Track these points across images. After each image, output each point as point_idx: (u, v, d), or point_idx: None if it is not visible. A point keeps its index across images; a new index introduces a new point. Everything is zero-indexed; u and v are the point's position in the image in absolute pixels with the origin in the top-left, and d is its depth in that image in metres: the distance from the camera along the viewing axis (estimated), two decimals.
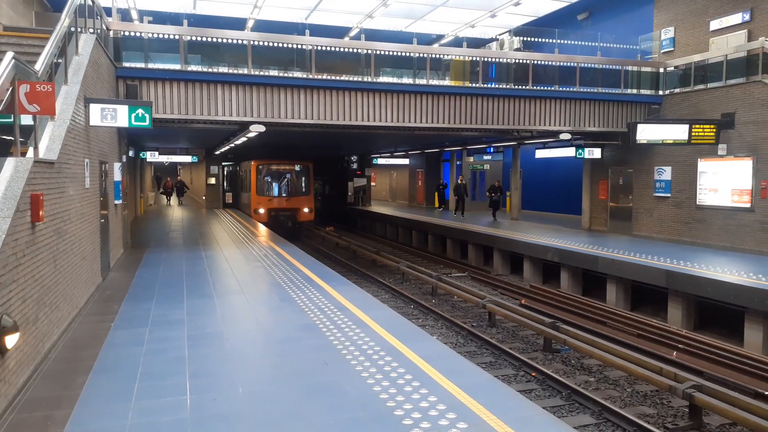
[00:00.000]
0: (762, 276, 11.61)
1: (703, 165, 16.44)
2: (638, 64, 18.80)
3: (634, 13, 22.04)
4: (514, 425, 4.59)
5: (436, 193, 31.32)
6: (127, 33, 14.25)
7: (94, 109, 9.65)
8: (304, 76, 15.13)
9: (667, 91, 18.22)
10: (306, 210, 26.70)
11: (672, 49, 19.90)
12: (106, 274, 11.26)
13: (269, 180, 27.09)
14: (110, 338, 7.10)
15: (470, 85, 16.94)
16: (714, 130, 15.69)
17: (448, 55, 17.69)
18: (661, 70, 18.43)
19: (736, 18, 17.68)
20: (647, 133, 16.16)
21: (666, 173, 17.72)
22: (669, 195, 17.61)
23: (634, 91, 18.44)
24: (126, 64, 13.88)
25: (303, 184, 27.50)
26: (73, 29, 9.52)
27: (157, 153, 30.66)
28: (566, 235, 18.74)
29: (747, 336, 11.07)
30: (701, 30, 18.90)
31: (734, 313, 11.43)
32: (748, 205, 15.10)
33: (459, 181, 27.10)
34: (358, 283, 15.86)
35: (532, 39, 24.92)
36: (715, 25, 18.41)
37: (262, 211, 25.77)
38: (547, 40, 23.53)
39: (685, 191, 17.00)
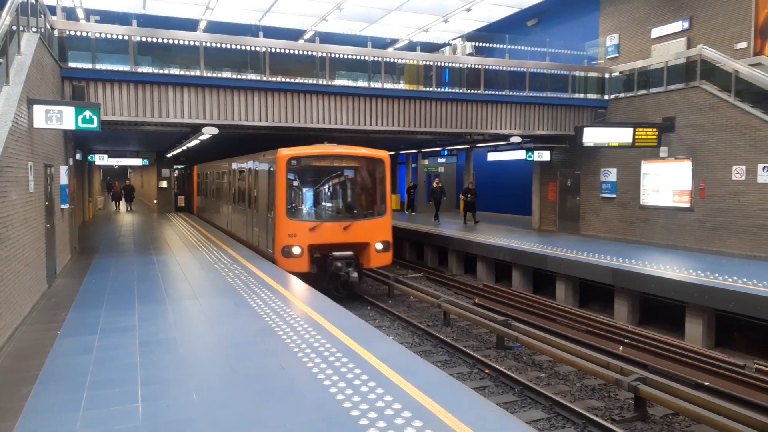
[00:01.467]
0: (701, 272, 12.18)
1: (646, 167, 17.12)
2: (585, 70, 19.43)
3: (581, 19, 22.77)
4: (469, 422, 4.70)
5: (407, 196, 30.62)
6: (73, 32, 13.81)
7: (38, 110, 9.33)
8: (259, 78, 15.01)
9: (612, 96, 18.89)
10: (379, 246, 14.29)
11: (617, 55, 20.66)
12: (53, 280, 10.88)
13: (311, 187, 14.97)
14: (57, 347, 6.89)
15: (424, 89, 17.15)
16: (656, 133, 16.37)
17: (402, 59, 17.88)
18: (607, 75, 19.10)
19: (676, 26, 18.51)
20: (593, 136, 16.72)
21: (612, 175, 18.36)
22: (614, 196, 18.26)
23: (581, 95, 19.05)
24: (72, 65, 13.45)
25: (375, 194, 15.09)
26: (14, 28, 9.19)
27: (106, 156, 29.78)
28: (517, 236, 19.18)
29: (687, 330, 11.59)
30: (644, 37, 19.69)
31: (676, 308, 11.96)
32: (687, 205, 15.81)
33: (435, 185, 26.20)
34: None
35: (484, 44, 25.43)
36: (656, 32, 19.23)
37: (298, 251, 13.50)
38: (498, 46, 24.06)
39: (630, 192, 17.67)
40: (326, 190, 15.18)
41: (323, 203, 15.05)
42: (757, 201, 13.90)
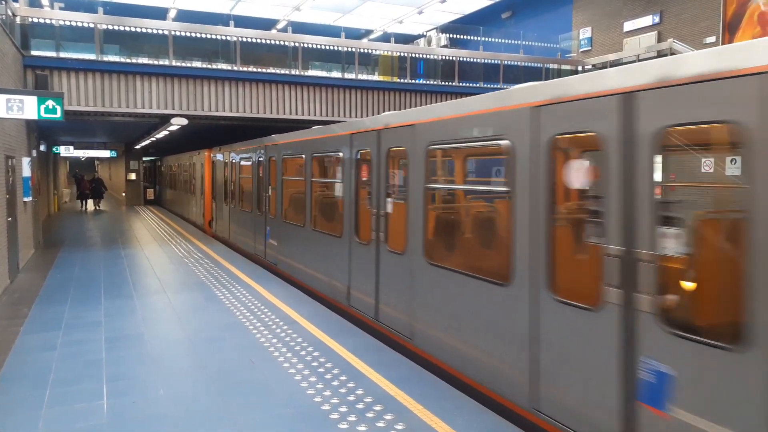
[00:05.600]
0: None
1: None
2: (558, 62, 19.58)
3: (554, 13, 22.93)
4: (441, 414, 4.67)
5: None
6: (35, 20, 13.38)
7: None
8: (230, 68, 14.76)
9: None
10: None
11: (589, 48, 20.87)
12: (15, 275, 10.56)
13: None
14: (19, 343, 6.66)
15: (399, 80, 17.07)
16: None
17: (376, 50, 17.76)
18: (580, 68, 19.27)
19: (647, 20, 18.75)
20: None
21: None
22: None
23: None
24: (35, 53, 13.05)
25: None
26: None
27: (72, 147, 29.05)
28: None
29: None
30: (616, 31, 19.91)
31: None
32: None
33: None
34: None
35: (459, 36, 25.44)
36: (628, 26, 19.46)
37: None
38: (472, 38, 24.07)
39: None
40: None
41: None
42: None
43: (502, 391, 4.79)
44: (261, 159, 11.97)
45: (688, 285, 3.82)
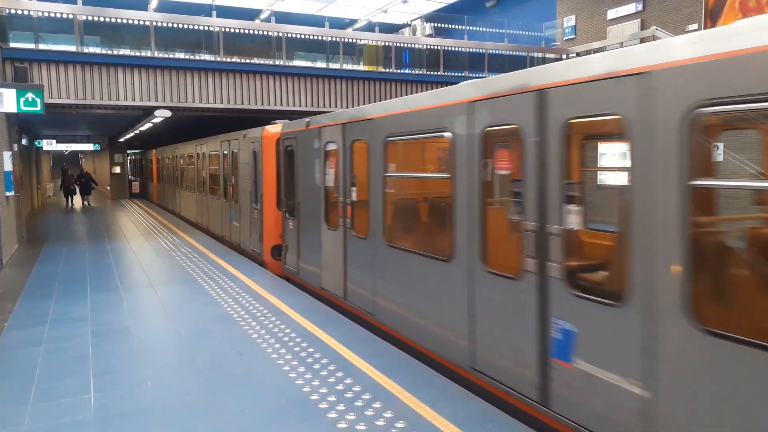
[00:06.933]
0: None
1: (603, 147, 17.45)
2: (543, 51, 19.62)
3: (538, 1, 22.93)
4: (429, 401, 4.71)
5: None
6: (13, 11, 13.13)
7: None
8: (213, 58, 14.62)
9: None
10: None
11: (574, 36, 20.91)
12: None
13: None
14: (3, 339, 6.60)
15: (384, 70, 17.02)
16: None
17: (361, 39, 17.67)
18: (564, 56, 19.31)
19: (630, 8, 18.82)
20: None
21: None
22: None
23: None
24: (13, 45, 12.82)
25: None
26: None
27: (54, 141, 28.65)
28: None
29: None
30: (600, 19, 19.97)
31: None
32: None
33: None
34: None
35: (443, 25, 25.37)
36: (611, 14, 19.52)
37: None
38: (457, 27, 24.02)
39: None
40: None
41: None
42: None
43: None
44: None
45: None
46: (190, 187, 18.55)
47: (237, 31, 15.25)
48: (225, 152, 13.89)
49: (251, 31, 15.81)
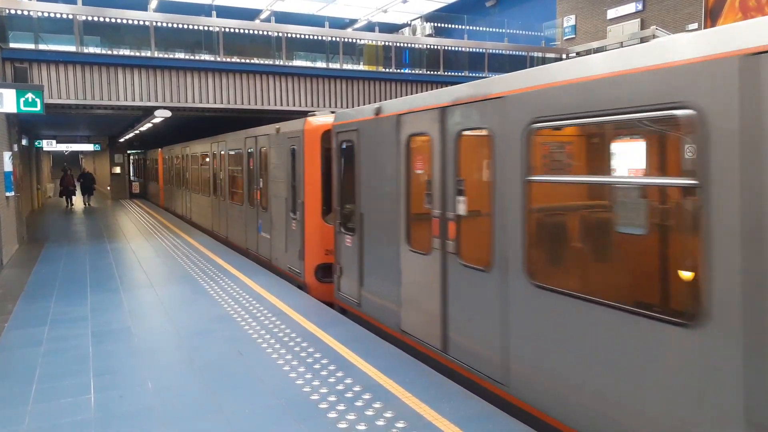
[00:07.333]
0: None
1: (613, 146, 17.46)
2: (543, 51, 19.61)
3: (538, 0, 22.93)
4: (428, 401, 4.71)
5: None
6: (13, 11, 13.13)
7: None
8: (213, 59, 14.62)
9: None
10: None
11: (573, 36, 20.92)
12: None
13: None
14: (3, 340, 6.60)
15: (384, 70, 17.01)
16: None
17: (361, 39, 17.67)
18: (564, 56, 19.31)
19: (630, 7, 18.82)
20: None
21: None
22: None
23: None
24: (13, 45, 12.82)
25: None
26: None
27: (54, 141, 28.65)
28: None
29: None
30: (599, 18, 19.97)
31: None
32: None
33: None
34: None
35: (443, 25, 25.37)
36: (611, 14, 19.52)
37: None
38: (457, 26, 24.02)
39: None
40: None
41: None
42: None
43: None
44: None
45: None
46: (204, 190, 16.47)
47: (237, 31, 15.25)
48: (250, 150, 11.87)
49: (251, 31, 15.81)
